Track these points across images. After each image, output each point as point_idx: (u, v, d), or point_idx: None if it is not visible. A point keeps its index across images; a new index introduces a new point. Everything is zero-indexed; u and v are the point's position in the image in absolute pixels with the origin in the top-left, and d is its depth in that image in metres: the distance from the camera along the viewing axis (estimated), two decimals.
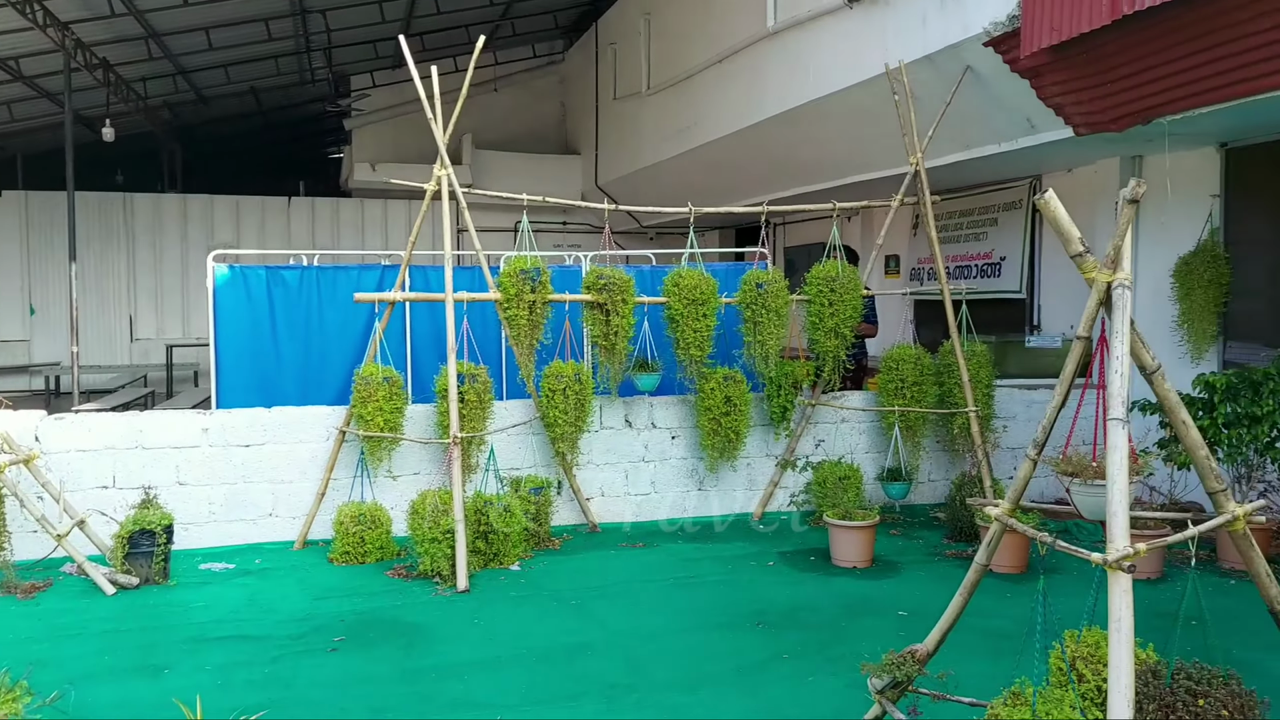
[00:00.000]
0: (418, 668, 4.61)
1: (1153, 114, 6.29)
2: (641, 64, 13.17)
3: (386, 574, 6.13)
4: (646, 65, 13.08)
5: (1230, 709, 2.73)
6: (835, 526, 6.39)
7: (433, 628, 5.16)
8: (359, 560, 6.36)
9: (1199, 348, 7.56)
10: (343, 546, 6.39)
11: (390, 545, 6.54)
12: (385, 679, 4.48)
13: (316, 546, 6.72)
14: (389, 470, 6.87)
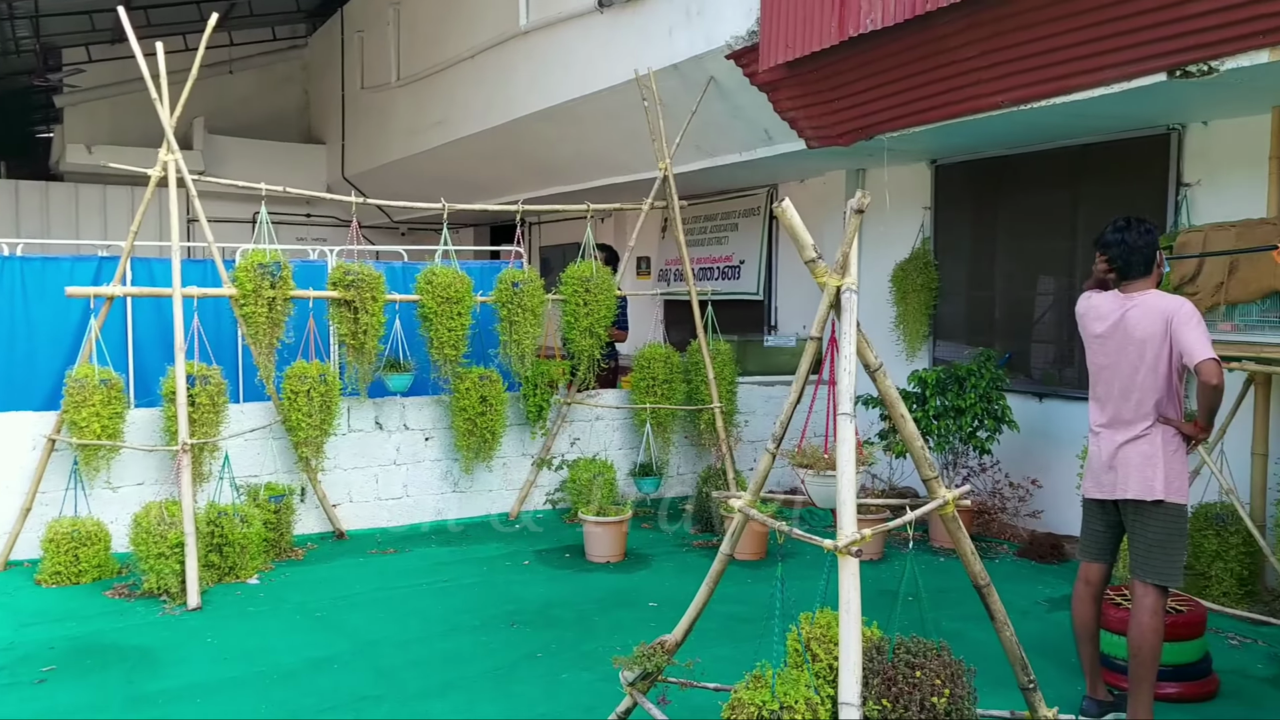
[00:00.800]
0: (142, 695, 4.24)
1: (874, 130, 6.82)
2: (391, 54, 12.77)
3: (105, 594, 5.59)
4: (396, 56, 12.69)
5: (942, 678, 3.00)
6: (589, 523, 6.48)
7: (160, 650, 4.76)
8: (73, 580, 5.77)
9: (913, 346, 8.28)
10: (53, 566, 5.76)
11: (110, 563, 5.98)
12: (103, 710, 4.08)
13: (21, 568, 6.03)
14: (108, 481, 6.27)
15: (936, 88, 6.11)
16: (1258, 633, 5.12)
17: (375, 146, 13.61)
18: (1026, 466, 7.12)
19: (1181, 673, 4.28)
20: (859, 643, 2.74)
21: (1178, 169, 6.39)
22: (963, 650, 3.70)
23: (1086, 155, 6.99)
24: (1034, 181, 7.45)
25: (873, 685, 2.97)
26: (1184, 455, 3.92)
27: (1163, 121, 6.38)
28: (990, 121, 6.24)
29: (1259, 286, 5.26)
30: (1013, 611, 5.34)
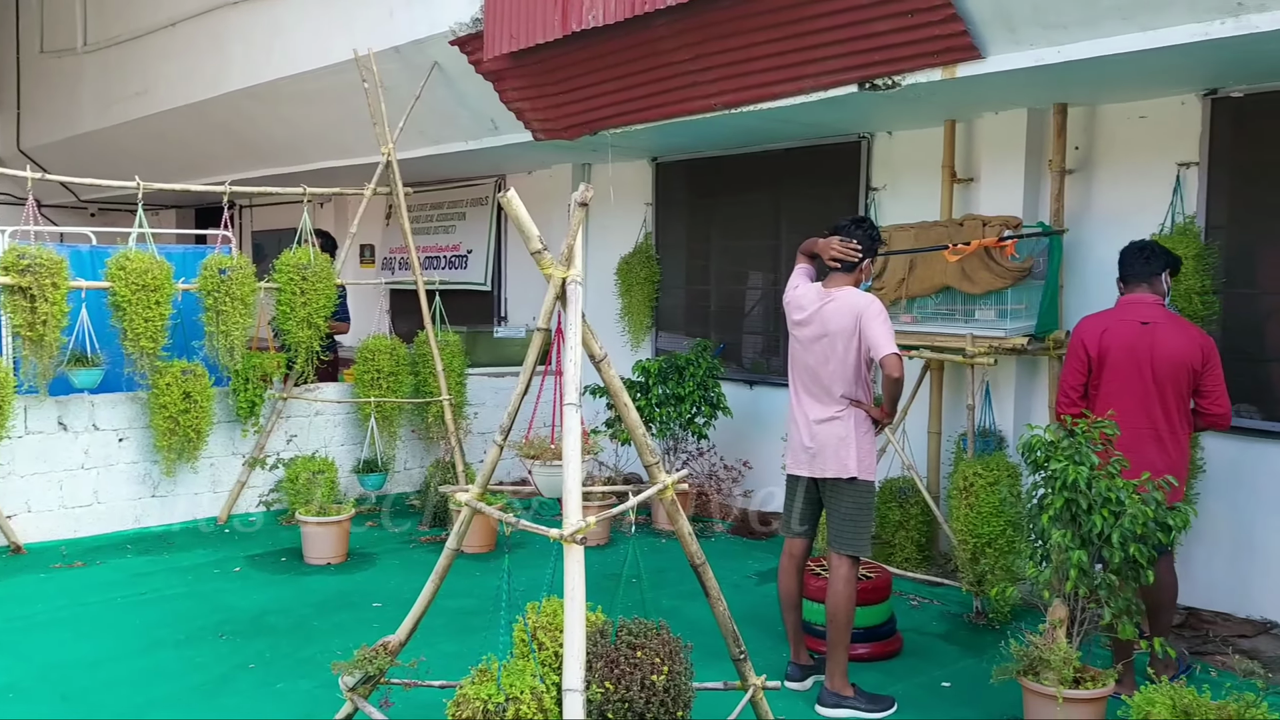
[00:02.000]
0: None
1: (598, 126, 6.97)
2: (76, 15, 11.49)
3: None
4: (83, 18, 11.44)
5: (661, 656, 3.12)
6: (307, 523, 6.18)
7: None
8: None
9: (637, 337, 8.56)
10: None
11: None
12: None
13: None
14: None
15: (656, 87, 6.33)
16: (933, 593, 5.74)
17: (59, 117, 12.19)
18: (739, 449, 7.56)
19: (871, 634, 4.71)
20: (583, 629, 2.79)
21: (867, 174, 7.01)
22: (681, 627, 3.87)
23: (790, 159, 7.51)
24: (744, 182, 7.91)
25: (596, 669, 3.04)
26: (873, 436, 4.31)
27: (855, 130, 6.97)
28: (705, 123, 6.55)
29: (933, 283, 5.88)
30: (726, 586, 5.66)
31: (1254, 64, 4.77)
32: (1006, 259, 5.51)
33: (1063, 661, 3.70)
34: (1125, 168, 5.74)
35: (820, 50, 5.44)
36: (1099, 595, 3.80)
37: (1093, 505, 3.73)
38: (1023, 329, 5.56)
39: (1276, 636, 5.07)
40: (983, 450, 5.79)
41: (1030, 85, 5.33)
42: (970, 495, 5.28)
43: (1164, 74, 5.08)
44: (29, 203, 6.72)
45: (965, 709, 4.23)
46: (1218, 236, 5.36)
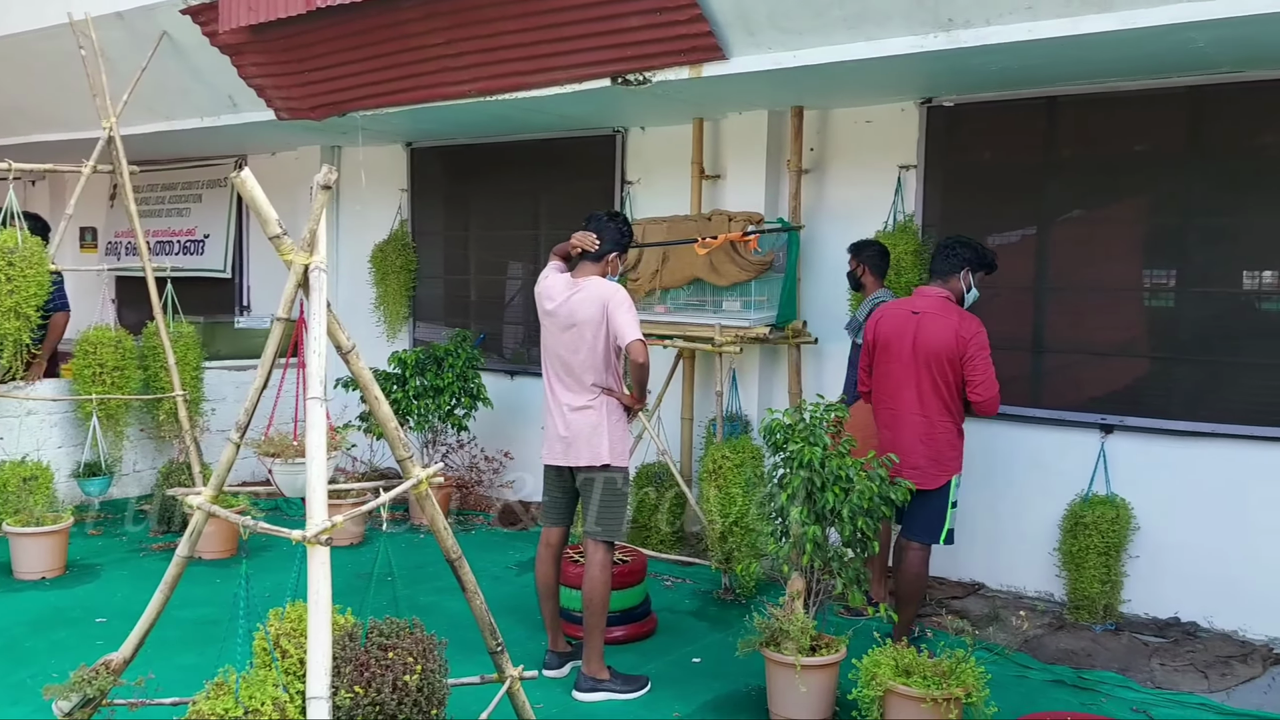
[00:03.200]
0: None
1: (347, 107, 6.70)
2: None
3: None
4: None
5: (414, 655, 3.05)
6: (17, 535, 5.57)
7: None
8: None
9: (394, 327, 8.33)
10: None
11: None
12: None
13: None
14: None
15: (407, 70, 6.17)
16: (686, 572, 5.96)
17: None
18: (500, 440, 7.53)
19: (627, 616, 4.84)
20: (329, 633, 2.67)
21: (622, 168, 7.15)
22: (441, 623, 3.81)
23: (549, 149, 7.54)
24: (503, 171, 7.86)
25: (345, 673, 2.93)
26: (626, 424, 4.40)
27: (610, 124, 7.09)
28: (460, 109, 6.45)
29: (685, 274, 6.09)
30: (486, 578, 5.65)
31: (963, 75, 5.26)
32: (750, 253, 5.79)
33: (800, 631, 3.95)
34: (854, 168, 6.18)
35: (573, 43, 5.48)
36: (831, 567, 4.07)
37: (826, 483, 3.99)
38: (765, 319, 5.86)
39: (983, 596, 5.64)
40: (730, 434, 6.06)
41: (770, 88, 5.62)
42: (719, 477, 5.52)
43: (887, 82, 5.50)
44: None
45: (714, 682, 4.43)
46: (932, 234, 5.87)
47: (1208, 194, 5.13)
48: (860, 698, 3.72)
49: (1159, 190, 5.32)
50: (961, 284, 4.67)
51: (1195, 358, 5.18)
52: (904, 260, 5.63)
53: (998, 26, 4.42)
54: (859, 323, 5.33)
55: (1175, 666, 4.67)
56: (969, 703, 3.60)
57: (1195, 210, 5.16)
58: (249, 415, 3.18)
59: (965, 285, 4.68)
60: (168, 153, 9.47)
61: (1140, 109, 5.27)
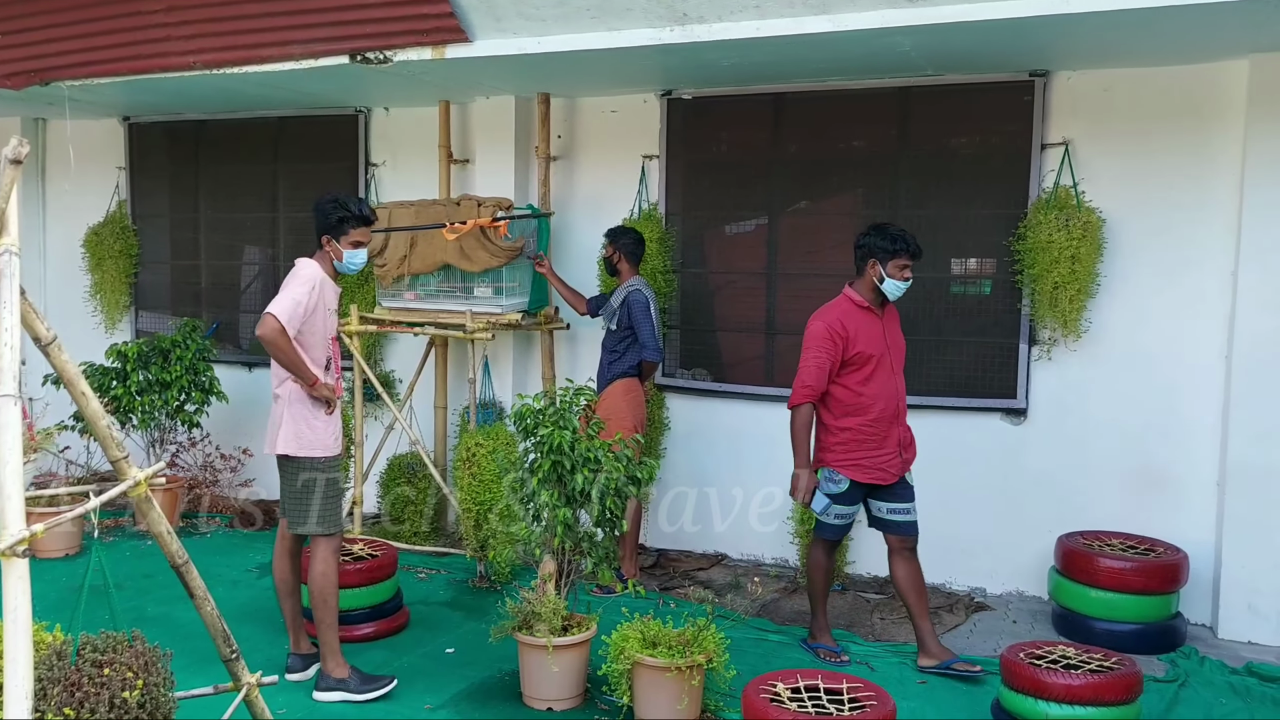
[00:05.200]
0: None
1: (51, 76, 6.06)
2: None
3: None
4: None
5: (134, 669, 2.83)
6: None
7: None
8: None
9: (113, 317, 7.65)
10: None
11: None
12: None
13: None
14: None
15: (122, 38, 5.67)
16: (441, 563, 5.89)
17: None
18: (239, 437, 7.09)
19: (377, 612, 4.71)
20: (29, 654, 2.42)
21: (366, 149, 6.92)
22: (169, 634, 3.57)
23: (287, 128, 7.16)
24: (237, 150, 7.39)
25: (53, 695, 2.68)
26: (312, 412, 4.09)
27: (353, 103, 6.83)
28: (185, 82, 6.00)
29: (434, 260, 5.98)
30: (222, 583, 5.36)
31: (699, 69, 5.48)
32: (500, 239, 5.77)
33: (552, 613, 4.00)
34: (602, 157, 6.30)
35: (309, 16, 5.24)
36: (582, 547, 4.15)
37: (575, 465, 4.06)
38: (517, 305, 5.87)
39: (726, 566, 5.94)
40: (484, 421, 6.03)
41: (517, 73, 5.62)
42: (473, 465, 5.47)
43: (629, 73, 5.64)
44: None
45: (467, 671, 4.40)
46: (675, 222, 6.10)
47: (915, 185, 5.62)
48: (610, 672, 3.82)
49: (873, 182, 5.77)
50: (872, 276, 4.42)
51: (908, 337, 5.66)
52: (650, 248, 5.79)
53: (729, 23, 4.63)
54: (613, 309, 5.45)
55: (893, 620, 5.12)
56: (711, 668, 3.78)
57: (903, 201, 5.64)
58: None
59: (877, 277, 4.40)
60: None
61: (857, 106, 5.70)
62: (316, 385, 4.05)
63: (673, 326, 6.18)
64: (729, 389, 6.04)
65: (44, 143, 7.95)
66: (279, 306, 3.93)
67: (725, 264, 6.16)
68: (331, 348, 4.22)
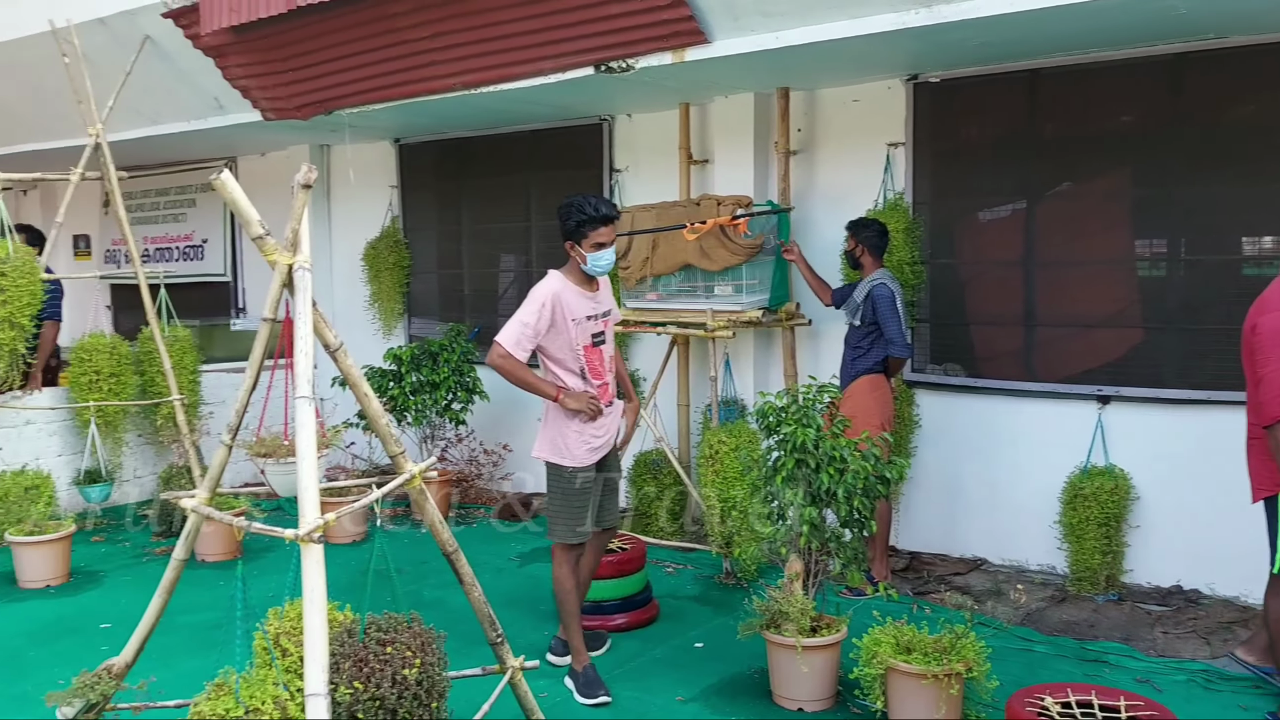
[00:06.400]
0: None
1: (333, 105, 6.68)
2: None
3: None
4: None
5: (413, 649, 3.06)
6: (19, 544, 5.59)
7: None
8: None
9: (389, 324, 8.32)
10: None
11: None
12: None
13: None
14: None
15: (394, 66, 6.15)
16: (687, 558, 5.97)
17: None
18: (500, 433, 7.53)
19: (628, 603, 4.85)
20: (324, 631, 2.68)
21: (610, 156, 7.14)
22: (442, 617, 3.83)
23: (538, 140, 7.52)
24: (493, 164, 7.84)
25: (344, 669, 2.94)
26: (564, 420, 4.11)
27: (597, 112, 7.07)
28: (448, 103, 6.44)
29: (675, 261, 6.08)
30: (488, 570, 5.68)
31: (946, 51, 5.24)
32: (740, 236, 5.78)
33: (800, 612, 3.96)
34: (843, 148, 6.16)
35: (557, 32, 5.46)
36: (829, 547, 4.08)
37: (820, 464, 4.00)
38: (757, 302, 5.86)
39: (986, 571, 5.65)
40: (726, 419, 6.06)
41: (755, 70, 5.60)
42: (716, 462, 5.52)
43: (871, 60, 5.48)
44: None
45: (717, 665, 4.44)
46: (922, 211, 5.86)
47: (1193, 162, 5.11)
48: (862, 676, 3.73)
49: (1144, 160, 5.30)
50: None
51: (1187, 326, 5.17)
52: (895, 239, 5.61)
53: (978, 1, 4.39)
54: (856, 304, 5.32)
55: (1178, 634, 4.67)
56: (970, 677, 3.61)
57: (1181, 179, 5.14)
58: (239, 416, 3.19)
59: None
60: (158, 157, 9.45)
61: (1122, 78, 5.25)
62: (560, 399, 4.05)
63: (921, 320, 5.95)
64: (984, 384, 5.74)
65: (328, 166, 8.76)
66: (505, 334, 4.00)
67: (978, 253, 5.86)
68: (584, 356, 4.13)
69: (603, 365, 4.21)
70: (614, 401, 4.27)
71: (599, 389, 4.17)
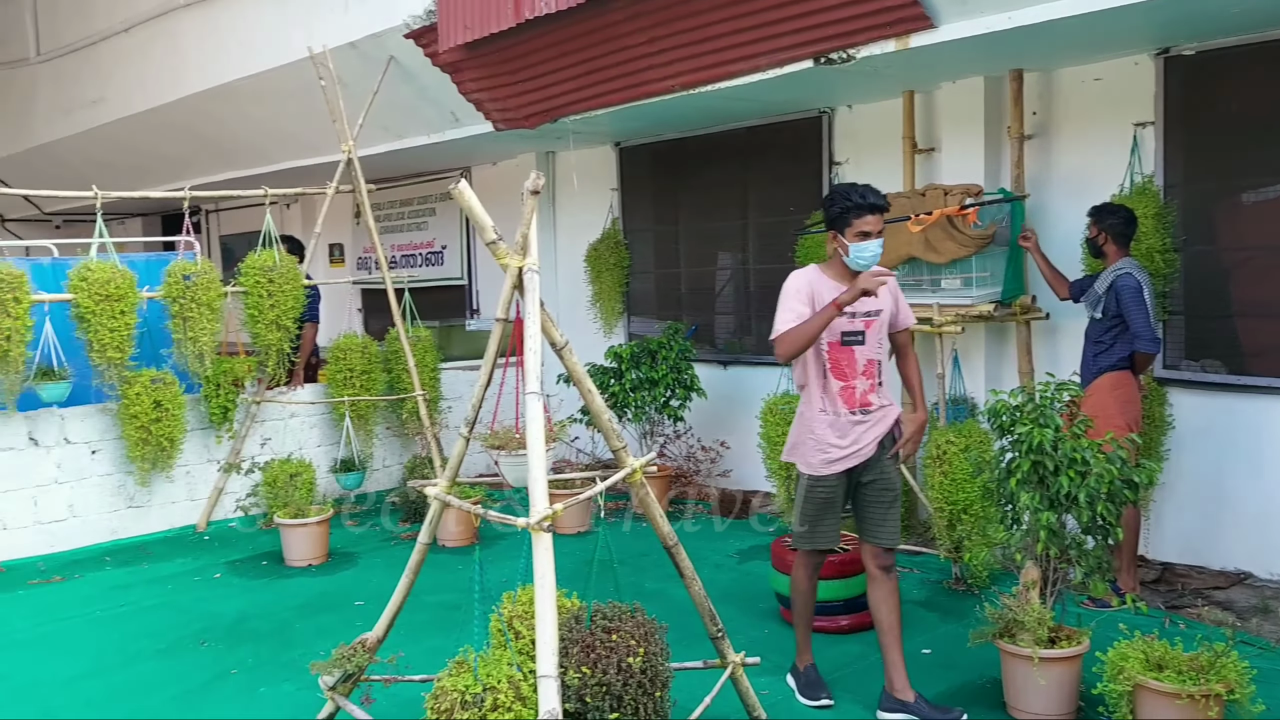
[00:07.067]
0: None
1: (558, 113, 6.94)
2: (28, 25, 11.33)
3: None
4: (35, 28, 11.28)
5: (637, 638, 3.13)
6: (286, 526, 6.16)
7: None
8: None
9: (609, 323, 8.55)
10: None
11: None
12: None
13: None
14: None
15: (613, 71, 6.31)
16: (914, 562, 5.78)
17: (14, 130, 12.03)
18: (716, 430, 7.58)
19: (850, 605, 4.75)
20: (554, 616, 2.79)
21: (829, 149, 7.01)
22: (665, 609, 3.90)
23: (753, 137, 7.50)
24: (709, 162, 7.90)
25: (572, 654, 3.05)
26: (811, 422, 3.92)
27: (815, 105, 6.96)
28: (665, 105, 6.54)
29: (899, 254, 5.89)
30: (707, 566, 5.72)
31: (1202, 21, 4.80)
32: (969, 227, 5.53)
33: (1037, 622, 3.74)
34: (1083, 130, 5.77)
35: (774, 27, 5.43)
36: (1070, 555, 3.83)
37: (1059, 467, 3.76)
38: (988, 296, 5.58)
39: (1251, 586, 5.13)
40: (955, 418, 5.82)
41: (984, 53, 5.34)
42: (944, 463, 5.31)
43: (1115, 35, 5.09)
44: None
45: (946, 673, 4.27)
46: (1175, 194, 5.39)
47: None
48: (1107, 692, 3.48)
49: None
50: None
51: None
52: (1144, 225, 5.19)
53: None
54: (1098, 295, 4.98)
55: None
56: (1232, 699, 3.29)
57: None
58: (475, 411, 3.37)
59: None
60: (400, 169, 10.15)
61: None
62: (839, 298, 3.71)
63: (1175, 312, 5.47)
64: (1250, 382, 5.21)
65: (553, 172, 9.11)
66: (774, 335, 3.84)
67: (1241, 238, 5.33)
68: (827, 354, 3.87)
69: (853, 368, 3.88)
70: (873, 410, 3.93)
71: (841, 391, 3.88)
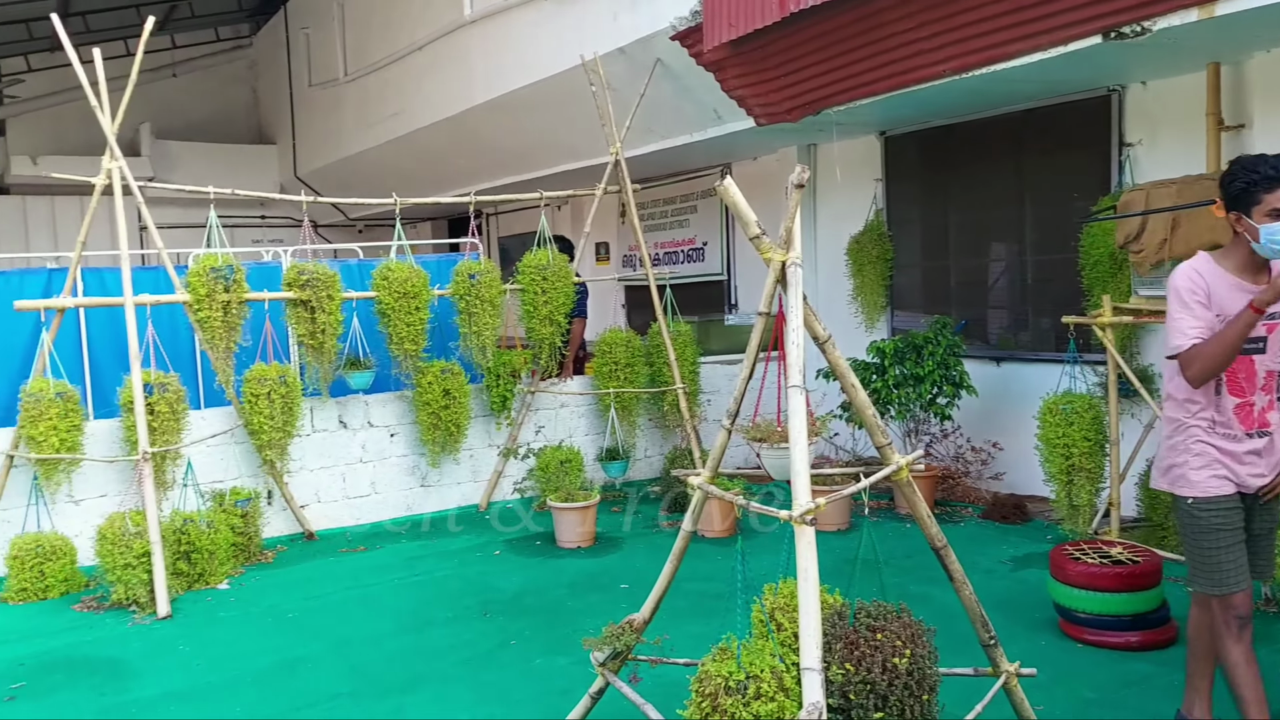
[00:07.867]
0: (114, 705, 4.22)
1: (821, 105, 6.87)
2: (338, 49, 12.65)
3: (74, 608, 5.55)
4: (343, 51, 12.58)
5: (903, 639, 3.06)
6: (558, 509, 6.51)
7: (130, 660, 4.74)
8: (40, 596, 5.72)
9: (871, 317, 8.37)
10: (19, 583, 5.72)
11: (76, 576, 5.93)
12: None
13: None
14: (70, 494, 6.21)
15: (879, 60, 6.17)
16: None
17: (327, 143, 13.49)
18: (987, 430, 7.23)
19: (1139, 621, 4.39)
20: (818, 609, 2.78)
21: (1120, 130, 6.49)
22: (930, 612, 3.78)
23: (1030, 120, 7.08)
24: (981, 149, 7.54)
25: (835, 650, 3.03)
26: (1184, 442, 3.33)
27: (1102, 83, 6.47)
28: (934, 91, 6.31)
29: (1200, 241, 5.36)
30: (977, 571, 5.48)
31: None
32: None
33: None
34: None
35: (1057, 3, 5.11)
36: None
37: None
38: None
39: None
40: None
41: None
42: None
43: None
44: (305, 224, 7.50)
45: None
46: None
47: None
48: None
49: None
50: None
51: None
52: None
53: None
54: None
55: None
56: None
57: None
58: (737, 404, 3.42)
59: None
60: (662, 169, 10.44)
61: None
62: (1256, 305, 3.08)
63: None
64: None
65: (814, 164, 9.03)
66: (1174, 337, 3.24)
67: None
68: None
69: (1251, 381, 3.26)
70: (1271, 430, 3.32)
71: (1237, 409, 3.26)
